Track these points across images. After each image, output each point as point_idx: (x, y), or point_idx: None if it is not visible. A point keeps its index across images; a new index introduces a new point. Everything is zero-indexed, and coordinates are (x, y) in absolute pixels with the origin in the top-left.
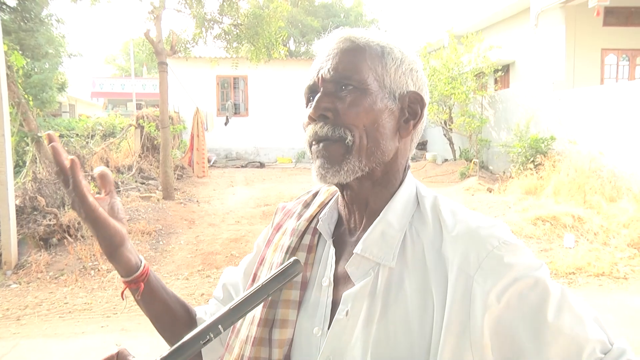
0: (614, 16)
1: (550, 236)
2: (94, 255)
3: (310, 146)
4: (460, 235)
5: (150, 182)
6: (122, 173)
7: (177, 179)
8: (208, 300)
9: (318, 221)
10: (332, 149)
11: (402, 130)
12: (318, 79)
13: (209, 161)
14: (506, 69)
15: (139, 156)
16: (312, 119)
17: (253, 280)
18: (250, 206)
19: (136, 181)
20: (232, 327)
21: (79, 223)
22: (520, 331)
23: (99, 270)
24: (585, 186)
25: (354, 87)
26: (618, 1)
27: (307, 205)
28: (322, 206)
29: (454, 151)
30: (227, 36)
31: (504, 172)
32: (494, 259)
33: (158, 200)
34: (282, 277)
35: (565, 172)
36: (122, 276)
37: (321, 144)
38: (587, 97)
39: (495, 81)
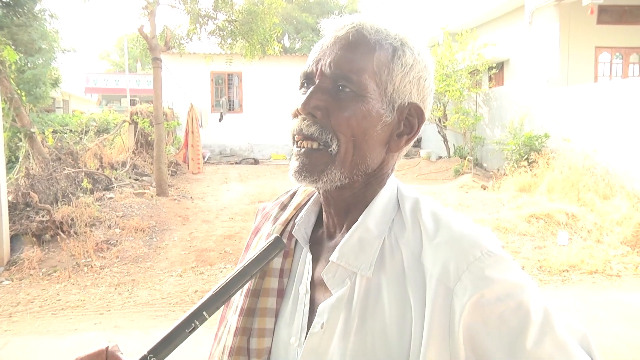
0: (607, 14)
1: (544, 233)
2: (87, 251)
3: (293, 139)
4: (440, 244)
5: (144, 178)
6: (116, 169)
7: (171, 175)
8: (201, 297)
9: (294, 225)
10: (313, 157)
11: (393, 144)
12: (316, 69)
13: (203, 157)
14: (500, 66)
15: (133, 152)
16: (299, 113)
17: None
18: (245, 203)
19: (130, 177)
20: (215, 335)
21: (72, 219)
22: (496, 354)
23: (92, 267)
24: (579, 184)
25: (352, 90)
26: None
27: (283, 207)
28: (299, 208)
29: (448, 148)
30: (221, 32)
31: (498, 170)
32: (474, 271)
33: (152, 196)
34: (264, 257)
35: (559, 169)
36: None
37: (302, 150)
38: (581, 94)
39: (490, 78)
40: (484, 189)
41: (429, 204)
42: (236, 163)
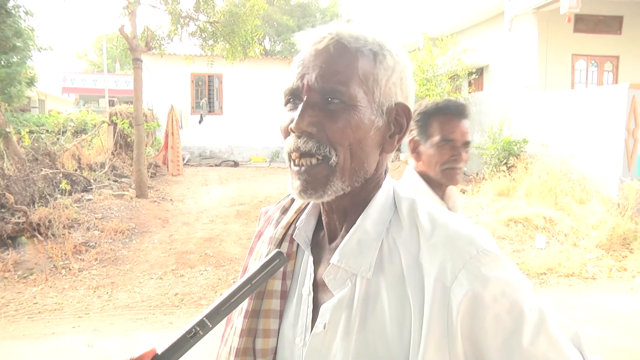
0: (583, 23)
1: (522, 237)
2: (65, 254)
3: (290, 157)
4: (437, 243)
5: (123, 179)
6: (95, 170)
7: (151, 177)
8: (182, 300)
9: (295, 228)
10: (315, 172)
11: (387, 146)
12: (303, 85)
13: (182, 159)
14: (480, 71)
15: (112, 153)
16: (293, 131)
17: None
18: (225, 205)
19: (109, 179)
20: (221, 336)
21: (49, 221)
22: (492, 353)
23: (70, 269)
24: (557, 188)
25: (342, 101)
26: (587, 9)
27: (285, 210)
28: (300, 212)
29: None
30: (202, 34)
31: (477, 174)
32: (470, 269)
33: (131, 198)
34: (264, 269)
35: (537, 174)
36: None
37: (304, 167)
38: (559, 101)
39: (469, 84)
40: (463, 192)
41: (425, 205)
42: (216, 165)
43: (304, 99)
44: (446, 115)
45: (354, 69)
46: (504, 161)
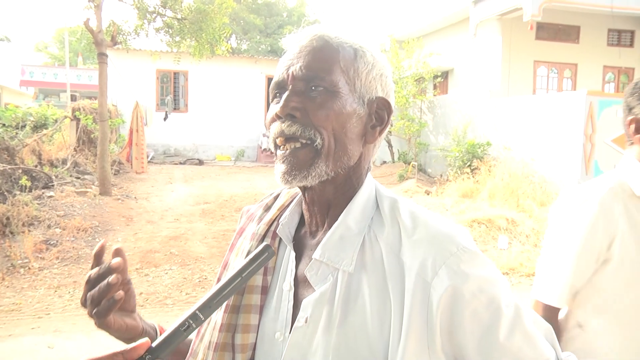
0: (545, 31)
1: (485, 238)
2: (24, 252)
3: (275, 144)
4: (419, 240)
5: (86, 176)
6: (56, 167)
7: (115, 174)
8: (146, 299)
9: (278, 225)
10: (300, 155)
11: (369, 136)
12: (288, 75)
13: (147, 157)
14: (445, 75)
15: (75, 149)
16: (278, 117)
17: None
18: (190, 204)
19: (71, 175)
20: (197, 332)
21: (7, 218)
22: (470, 347)
23: (29, 268)
24: (519, 190)
25: (325, 88)
26: (548, 18)
27: (267, 208)
28: (283, 209)
29: (392, 153)
30: (169, 30)
31: (442, 175)
32: (450, 266)
33: (94, 195)
34: (254, 262)
35: (500, 176)
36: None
37: (288, 150)
38: (521, 105)
39: (435, 87)
40: (428, 194)
41: (406, 204)
42: (180, 163)
43: (289, 88)
44: None
45: (335, 59)
46: (468, 163)
